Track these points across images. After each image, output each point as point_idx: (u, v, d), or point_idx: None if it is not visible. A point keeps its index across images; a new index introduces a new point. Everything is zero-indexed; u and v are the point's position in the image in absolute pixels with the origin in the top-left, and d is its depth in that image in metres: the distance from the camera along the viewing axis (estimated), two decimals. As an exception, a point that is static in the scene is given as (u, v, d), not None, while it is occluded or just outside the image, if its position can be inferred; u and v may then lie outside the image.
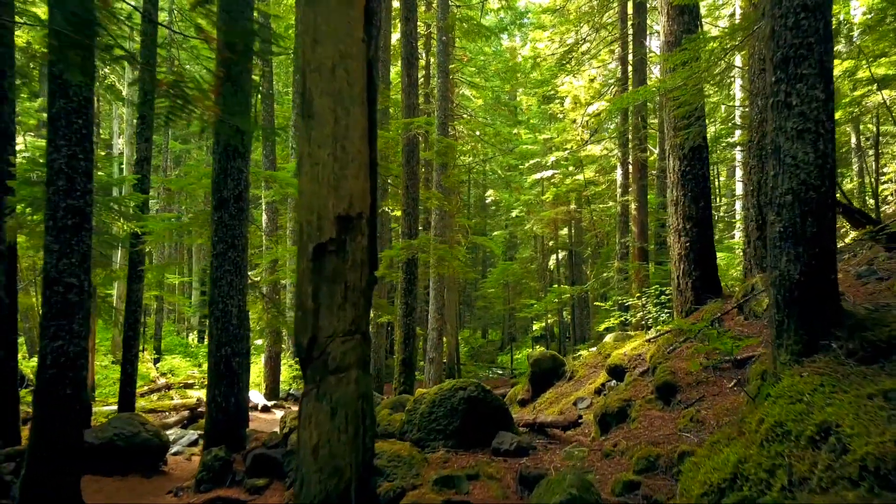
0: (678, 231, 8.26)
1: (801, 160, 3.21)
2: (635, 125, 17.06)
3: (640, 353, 7.64)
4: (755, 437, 2.71)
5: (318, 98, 3.59)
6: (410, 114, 12.38)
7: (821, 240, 3.14)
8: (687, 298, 8.12)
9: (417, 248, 12.04)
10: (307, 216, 3.54)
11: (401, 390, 12.19)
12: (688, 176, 8.20)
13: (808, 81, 3.18)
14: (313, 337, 3.54)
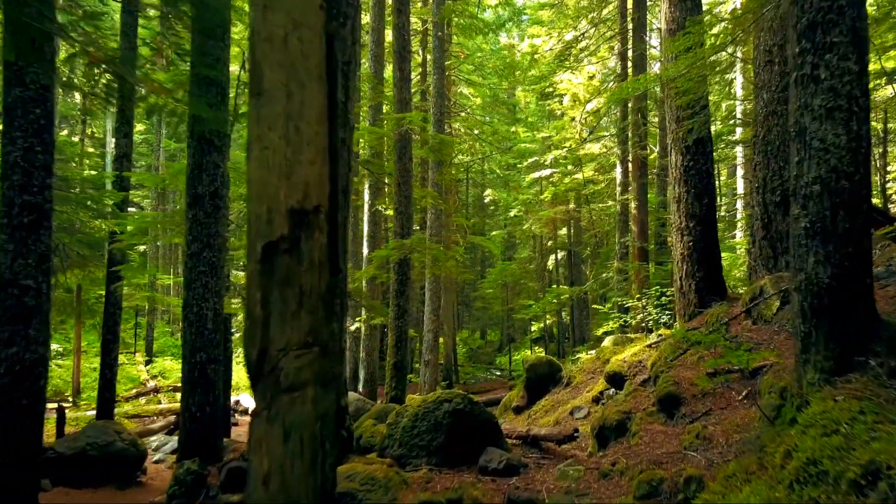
0: (681, 230, 7.76)
1: (832, 143, 2.72)
2: (635, 122, 16.57)
3: (641, 360, 7.15)
4: (781, 474, 2.23)
5: (268, 72, 3.07)
6: (403, 109, 11.88)
7: (854, 237, 2.66)
8: (690, 301, 7.63)
9: (410, 249, 11.54)
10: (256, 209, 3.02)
11: (392, 395, 11.69)
12: (691, 171, 7.71)
13: (838, 51, 2.69)
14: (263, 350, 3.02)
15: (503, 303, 30.63)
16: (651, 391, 5.78)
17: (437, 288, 18.12)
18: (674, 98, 7.68)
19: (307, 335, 3.14)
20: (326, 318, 3.16)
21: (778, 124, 9.41)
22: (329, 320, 3.14)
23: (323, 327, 3.20)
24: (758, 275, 9.33)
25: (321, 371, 3.18)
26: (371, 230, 15.44)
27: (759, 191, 9.76)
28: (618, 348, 8.97)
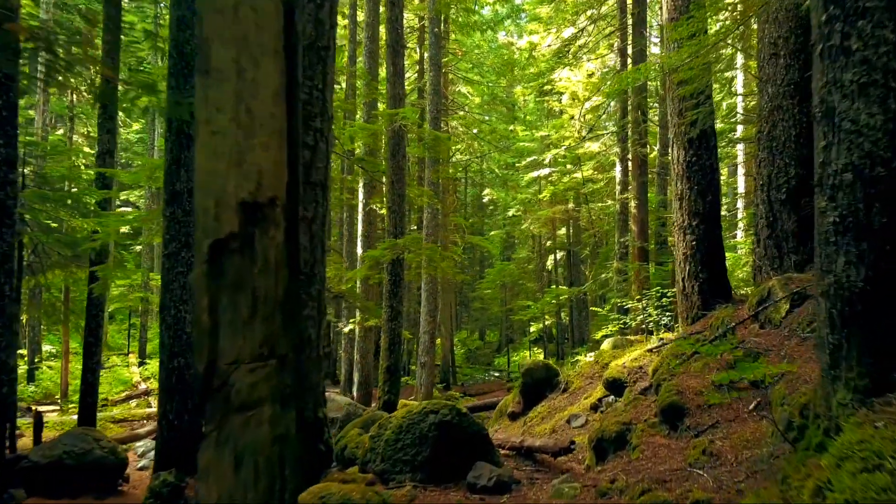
0: (683, 228, 7.37)
1: (865, 125, 2.33)
2: (635, 119, 16.18)
3: (642, 366, 6.76)
4: (812, 518, 1.85)
5: (217, 47, 2.65)
6: (396, 105, 11.49)
7: (892, 233, 2.27)
8: (693, 303, 7.24)
9: (403, 248, 11.15)
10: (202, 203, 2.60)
11: (385, 399, 11.31)
12: (694, 167, 7.32)
13: (873, 17, 2.30)
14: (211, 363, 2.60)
15: (502, 303, 30.23)
16: (653, 400, 5.38)
17: (434, 289, 17.73)
18: (675, 90, 7.29)
19: (262, 346, 2.72)
20: (285, 327, 2.73)
21: (783, 119, 9.02)
22: (288, 329, 2.72)
23: (281, 337, 2.78)
24: (763, 275, 8.94)
25: (279, 387, 2.76)
26: (365, 229, 15.05)
27: (763, 188, 9.37)
28: (617, 352, 8.58)
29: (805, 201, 8.91)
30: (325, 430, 4.81)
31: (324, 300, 4.83)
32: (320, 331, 4.75)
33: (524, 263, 29.02)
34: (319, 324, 4.74)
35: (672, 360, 6.34)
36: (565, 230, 27.20)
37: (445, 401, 4.95)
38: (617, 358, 8.19)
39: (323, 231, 4.75)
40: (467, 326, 38.31)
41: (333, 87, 5.17)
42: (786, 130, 8.92)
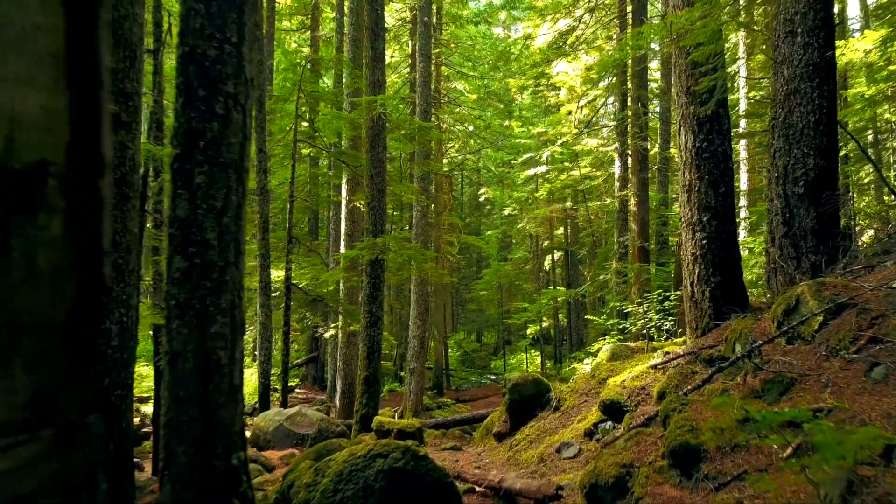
0: (692, 225, 6.30)
1: None
2: (635, 112, 15.10)
3: (644, 386, 5.68)
4: None
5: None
6: (375, 92, 10.43)
7: None
8: (703, 311, 6.17)
9: (382, 248, 10.09)
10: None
11: (363, 413, 10.24)
12: (704, 154, 6.25)
13: None
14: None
15: (498, 305, 29.16)
16: (659, 436, 4.30)
17: (425, 291, 16.67)
18: (683, 62, 6.23)
19: (27, 408, 1.51)
20: (75, 372, 1.51)
21: (801, 104, 7.97)
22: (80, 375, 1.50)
23: (65, 390, 1.57)
24: (778, 278, 7.87)
25: (64, 475, 1.57)
26: (349, 228, 13.99)
27: (778, 181, 8.31)
28: (616, 365, 7.51)
29: (827, 195, 7.86)
30: (243, 480, 3.73)
31: (241, 313, 3.75)
32: (234, 353, 3.68)
33: (521, 264, 27.94)
34: (233, 344, 3.67)
35: (680, 380, 5.26)
36: (563, 230, 26.13)
37: (397, 441, 3.87)
38: (616, 373, 7.12)
39: (238, 226, 3.68)
40: (465, 327, 37.24)
41: (257, 44, 4.07)
42: (804, 117, 7.87)
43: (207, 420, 3.57)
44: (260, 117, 11.84)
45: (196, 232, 3.49)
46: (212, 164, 3.52)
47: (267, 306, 11.75)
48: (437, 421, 11.69)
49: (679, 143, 6.50)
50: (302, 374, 20.94)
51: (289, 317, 12.40)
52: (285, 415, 9.70)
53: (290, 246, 12.43)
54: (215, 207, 3.53)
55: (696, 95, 6.31)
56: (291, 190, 12.29)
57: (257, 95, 11.87)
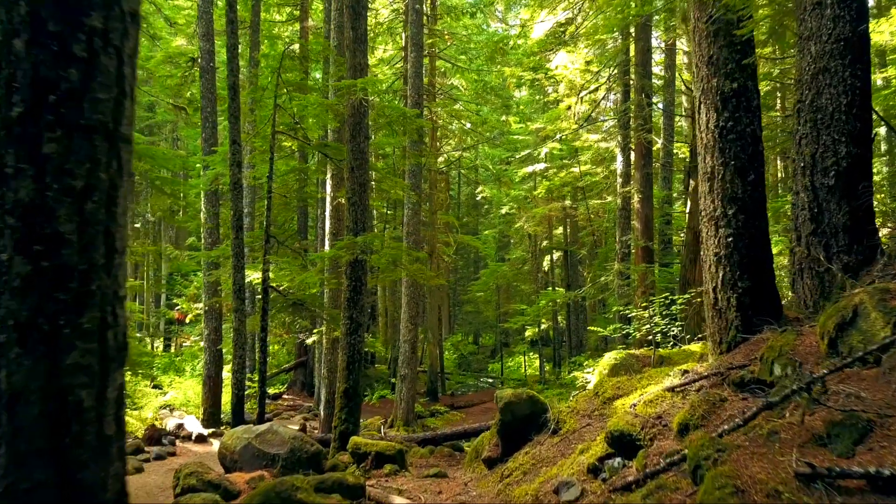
0: (715, 220, 5.27)
1: None
2: (638, 103, 14.06)
3: (661, 414, 4.64)
4: None
5: None
6: (357, 76, 9.40)
7: None
8: (729, 322, 5.13)
9: (364, 247, 9.06)
10: None
11: (342, 429, 9.21)
12: (729, 135, 5.21)
13: None
14: None
15: (496, 307, 28.11)
16: (688, 493, 3.25)
17: (417, 292, 15.63)
18: (704, 29, 5.20)
19: None
20: None
21: (831, 84, 6.93)
22: None
23: None
24: (804, 282, 6.83)
25: None
26: (333, 226, 12.94)
27: (805, 172, 7.27)
28: (622, 382, 6.47)
29: (864, 186, 6.82)
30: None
31: (119, 336, 2.69)
32: (106, 390, 2.62)
33: (519, 264, 26.88)
34: (104, 378, 2.62)
35: (706, 409, 4.22)
36: (562, 229, 25.09)
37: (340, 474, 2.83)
38: (623, 393, 6.08)
39: (111, 215, 2.63)
40: (461, 329, 36.18)
41: None
42: (834, 99, 6.83)
43: (64, 486, 2.53)
44: (233, 106, 10.81)
45: (44, 222, 2.45)
46: (69, 128, 2.48)
47: (241, 311, 10.71)
48: (424, 436, 10.65)
49: (698, 122, 5.46)
50: (290, 380, 19.91)
51: (266, 322, 11.35)
52: (255, 432, 8.64)
53: (269, 245, 11.39)
54: (73, 188, 2.47)
55: (719, 65, 5.27)
56: (269, 185, 11.26)
57: (230, 82, 10.85)
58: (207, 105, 14.01)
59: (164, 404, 15.03)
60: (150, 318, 25.64)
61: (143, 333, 27.02)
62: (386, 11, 21.65)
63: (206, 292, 13.89)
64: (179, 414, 14.74)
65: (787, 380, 4.26)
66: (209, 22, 13.94)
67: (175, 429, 13.46)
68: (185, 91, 14.83)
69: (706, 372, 4.91)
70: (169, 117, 25.36)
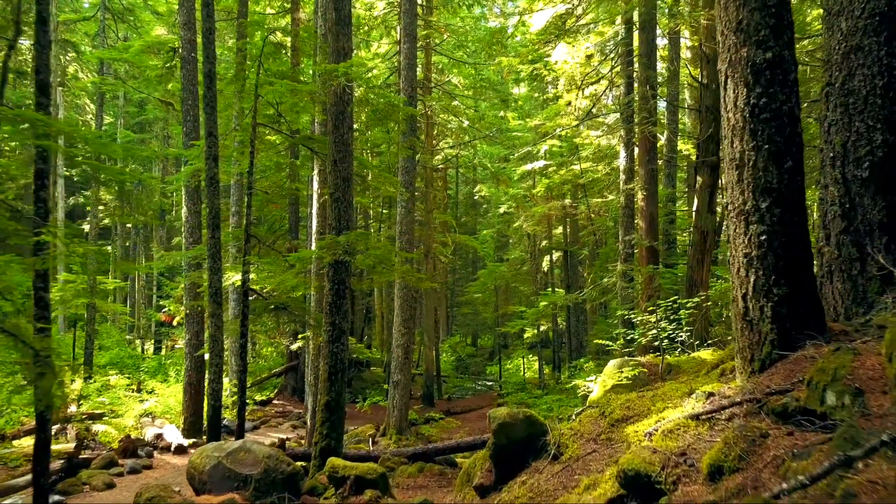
0: (744, 214, 4.41)
1: None
2: (643, 95, 13.18)
3: (685, 450, 3.78)
4: None
5: None
6: (339, 61, 8.54)
7: None
8: (762, 336, 4.28)
9: (346, 247, 8.21)
10: None
11: (323, 445, 8.35)
12: (762, 114, 4.36)
13: None
14: None
15: (494, 308, 27.24)
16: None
17: (410, 294, 14.77)
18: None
19: None
20: None
21: (865, 65, 6.09)
22: None
23: None
24: (835, 286, 6.00)
25: None
26: (320, 225, 12.09)
27: (835, 163, 6.44)
28: (631, 400, 5.61)
29: (904, 178, 5.97)
30: None
31: None
32: None
33: (517, 265, 26.00)
34: None
35: (745, 447, 3.37)
36: (562, 228, 24.22)
37: None
38: (634, 415, 5.23)
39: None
40: (460, 330, 35.31)
41: None
42: (868, 80, 6.00)
43: None
44: (209, 95, 9.97)
45: None
46: None
47: (217, 316, 9.86)
48: (415, 450, 9.80)
49: (725, 101, 4.61)
50: (280, 385, 19.05)
51: (246, 327, 10.49)
52: (226, 450, 7.80)
53: (249, 245, 10.54)
54: None
55: (749, 32, 4.42)
56: (249, 181, 10.41)
57: (206, 69, 10.00)
58: (189, 97, 13.15)
59: (146, 412, 14.17)
60: (141, 320, 24.78)
61: (133, 335, 26.19)
62: (382, 3, 20.79)
63: (187, 295, 13.04)
64: (161, 422, 13.88)
65: (843, 411, 3.41)
66: (191, 10, 13.09)
67: (153, 439, 12.61)
68: (167, 83, 13.98)
69: (737, 396, 4.06)
70: (160, 114, 24.54)
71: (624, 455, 4.08)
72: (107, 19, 19.78)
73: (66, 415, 14.14)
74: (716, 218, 13.86)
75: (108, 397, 14.32)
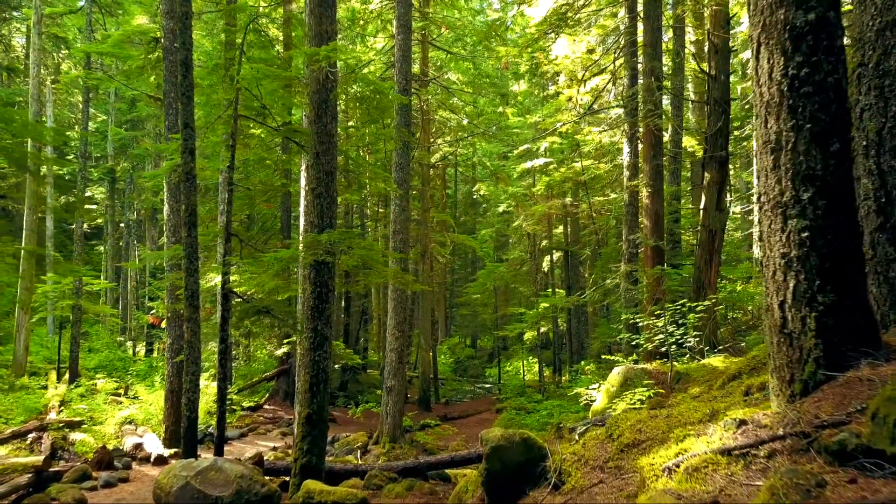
0: (782, 207, 3.67)
1: None
2: (648, 87, 12.44)
3: (716, 497, 3.05)
4: None
5: None
6: (321, 45, 7.81)
7: None
8: (805, 353, 3.54)
9: (328, 247, 7.49)
10: None
11: (304, 462, 7.62)
12: (803, 87, 3.61)
13: None
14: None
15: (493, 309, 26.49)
16: None
17: (404, 296, 14.03)
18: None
19: None
20: None
21: (903, 42, 5.42)
22: None
23: None
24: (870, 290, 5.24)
25: None
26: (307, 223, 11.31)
27: (868, 152, 5.76)
28: (643, 422, 4.89)
29: (950, 169, 5.30)
30: None
31: None
32: None
33: (517, 265, 25.26)
34: None
35: (799, 499, 2.63)
36: (562, 228, 23.48)
37: None
38: (646, 439, 4.51)
39: None
40: (459, 332, 34.57)
41: None
42: (908, 59, 5.32)
43: None
44: (186, 84, 9.24)
45: None
46: None
47: (194, 320, 9.12)
48: (405, 464, 9.06)
49: (757, 73, 3.87)
50: (272, 388, 18.32)
51: (226, 333, 9.75)
52: (195, 469, 7.06)
53: (229, 245, 9.80)
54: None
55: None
56: (230, 176, 9.67)
57: (182, 56, 9.27)
58: (171, 89, 12.43)
59: (127, 419, 13.44)
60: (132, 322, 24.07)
61: (126, 337, 25.47)
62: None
63: (168, 297, 12.32)
64: (143, 430, 13.15)
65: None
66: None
67: (132, 449, 11.89)
68: (150, 75, 13.26)
69: (777, 427, 3.32)
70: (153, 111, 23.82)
71: (641, 496, 3.34)
72: (94, 13, 19.07)
73: (44, 423, 13.43)
74: (724, 216, 13.12)
75: (87, 404, 13.58)
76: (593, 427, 5.63)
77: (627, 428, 4.88)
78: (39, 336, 23.02)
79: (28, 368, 19.08)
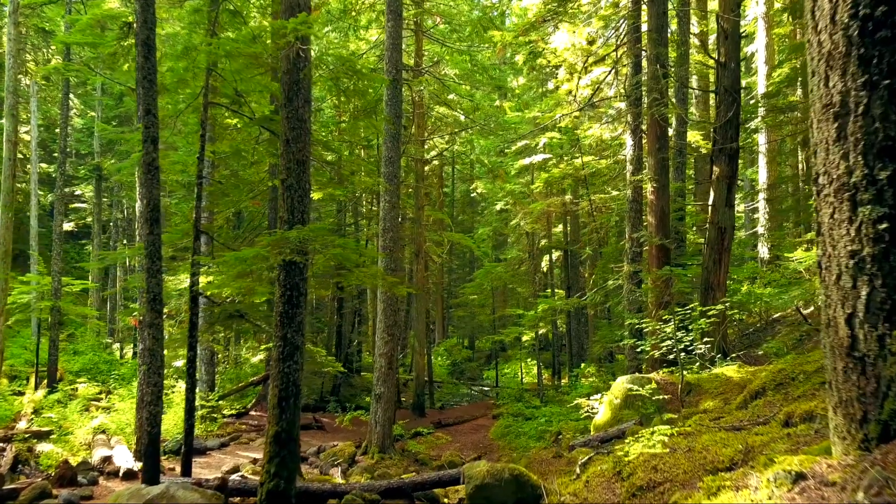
0: (848, 190, 2.75)
1: None
2: (653, 74, 11.53)
3: None
4: None
5: None
6: (292, 17, 6.90)
7: None
8: (884, 383, 2.62)
9: (299, 246, 6.58)
10: None
11: (271, 487, 6.71)
12: (878, 32, 2.70)
13: None
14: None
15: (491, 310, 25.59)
16: None
17: (394, 298, 13.12)
18: None
19: None
20: None
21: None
22: None
23: None
24: None
25: None
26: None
27: None
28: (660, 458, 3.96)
29: None
30: None
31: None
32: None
33: (515, 265, 24.33)
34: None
35: None
36: (562, 227, 22.56)
37: None
38: (665, 481, 3.61)
39: None
40: (457, 333, 33.65)
41: None
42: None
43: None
44: (147, 66, 8.34)
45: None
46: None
47: (155, 326, 8.21)
48: (389, 484, 8.15)
49: (813, 15, 2.97)
50: (259, 394, 17.41)
51: (195, 339, 8.87)
52: (144, 498, 6.18)
53: (198, 243, 8.92)
54: None
55: None
56: (200, 168, 8.80)
57: (143, 37, 8.36)
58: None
59: (99, 428, 12.54)
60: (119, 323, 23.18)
61: (113, 339, 24.59)
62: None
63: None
64: (116, 440, 12.26)
65: None
66: (146, -20, 11.42)
67: (100, 462, 10.96)
68: (123, 63, 12.34)
69: (855, 490, 2.40)
70: (140, 107, 22.90)
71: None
72: (75, 3, 18.16)
73: (10, 432, 12.52)
74: (734, 213, 12.23)
75: (58, 412, 12.67)
76: (597, 456, 4.72)
77: (640, 465, 3.97)
78: (24, 338, 22.14)
79: (8, 372, 18.19)
